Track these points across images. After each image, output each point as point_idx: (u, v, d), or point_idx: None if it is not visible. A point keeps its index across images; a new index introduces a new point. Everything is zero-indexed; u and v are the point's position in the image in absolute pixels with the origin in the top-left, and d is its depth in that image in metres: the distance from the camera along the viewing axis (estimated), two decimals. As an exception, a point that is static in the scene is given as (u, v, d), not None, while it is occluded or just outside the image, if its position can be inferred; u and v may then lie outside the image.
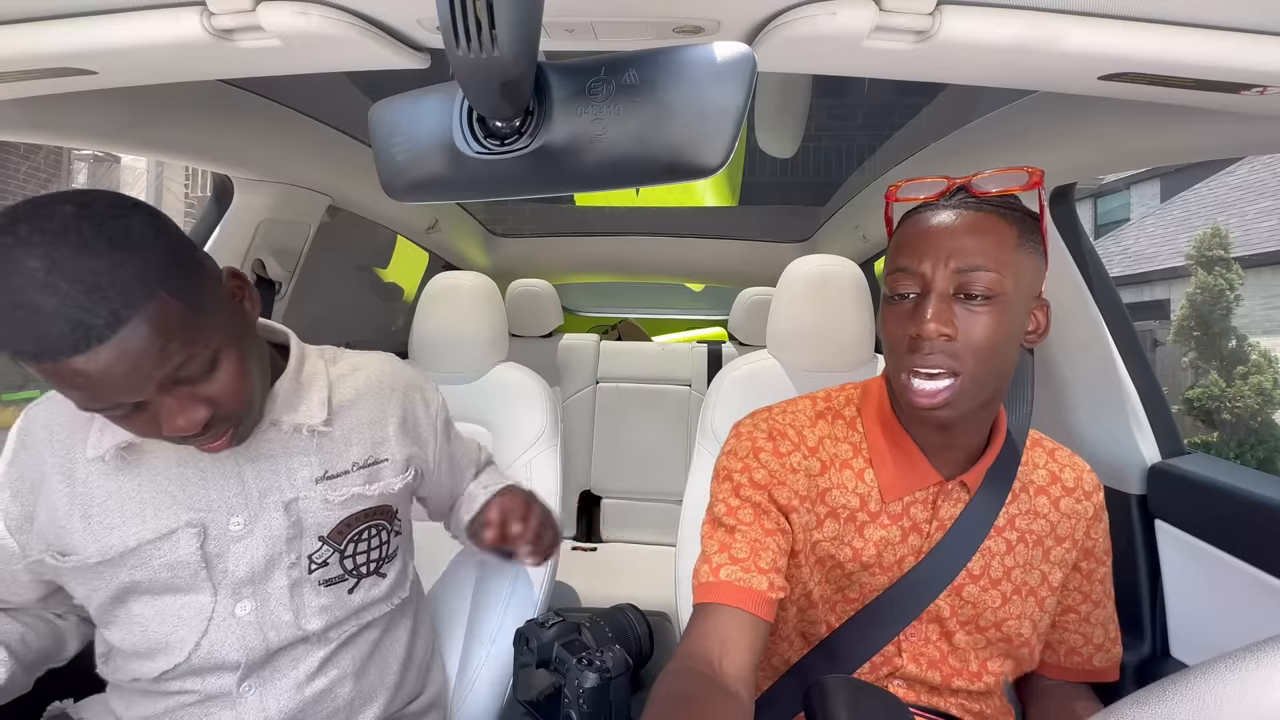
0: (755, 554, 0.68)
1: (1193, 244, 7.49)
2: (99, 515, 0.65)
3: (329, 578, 0.74)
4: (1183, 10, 0.49)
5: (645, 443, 2.21)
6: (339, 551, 0.74)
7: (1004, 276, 0.61)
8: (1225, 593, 0.87)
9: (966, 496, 0.72)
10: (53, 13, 0.55)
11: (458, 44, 0.38)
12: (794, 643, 0.79)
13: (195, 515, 0.67)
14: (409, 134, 0.51)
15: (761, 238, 2.24)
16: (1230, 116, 0.67)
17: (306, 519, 0.72)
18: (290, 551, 0.71)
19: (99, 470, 0.66)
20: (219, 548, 0.68)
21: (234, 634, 0.69)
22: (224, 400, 0.61)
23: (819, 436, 0.75)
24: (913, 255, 0.64)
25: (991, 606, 0.72)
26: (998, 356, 0.62)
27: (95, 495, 0.66)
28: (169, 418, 0.57)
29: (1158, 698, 0.34)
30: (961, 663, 0.73)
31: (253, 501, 0.70)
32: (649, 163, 0.44)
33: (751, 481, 0.72)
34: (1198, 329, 7.14)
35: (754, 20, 0.54)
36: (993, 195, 0.64)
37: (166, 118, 0.95)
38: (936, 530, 0.72)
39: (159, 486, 0.67)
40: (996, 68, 0.58)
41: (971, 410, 0.66)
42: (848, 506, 0.72)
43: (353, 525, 0.75)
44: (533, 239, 2.40)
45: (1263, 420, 6.65)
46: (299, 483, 0.72)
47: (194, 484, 0.68)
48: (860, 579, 0.73)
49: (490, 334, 1.27)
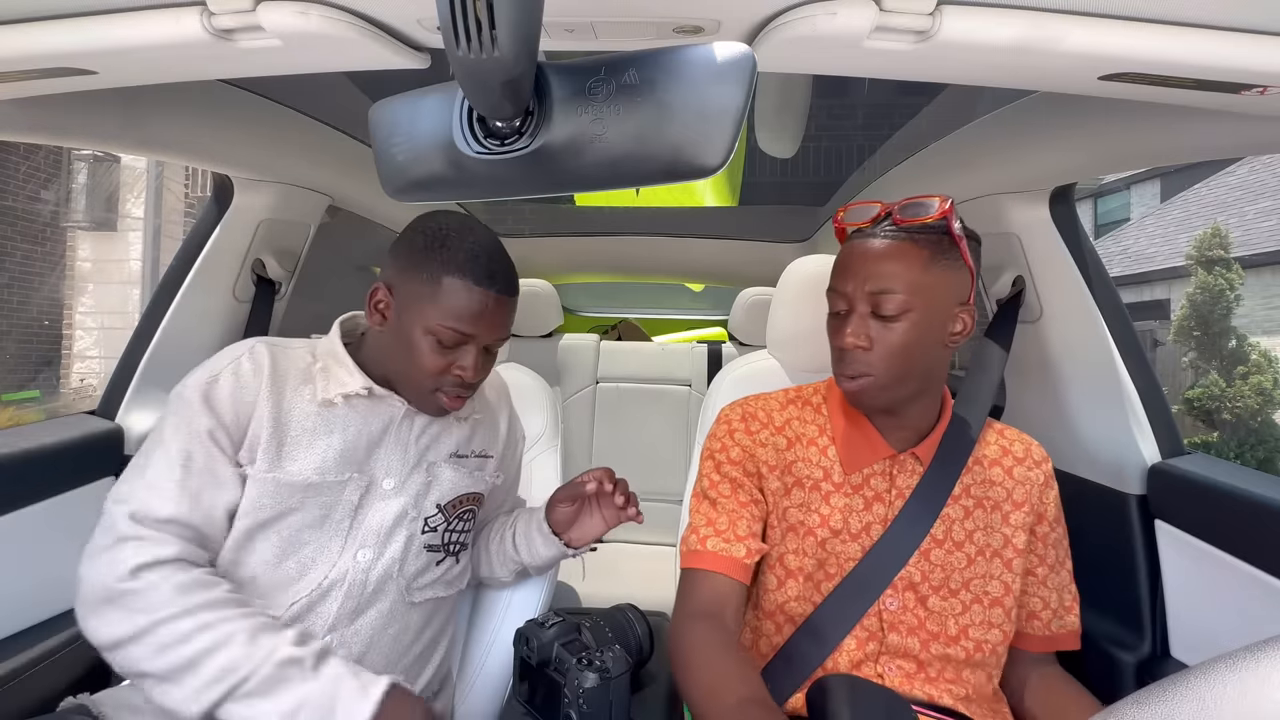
0: (733, 524, 0.81)
1: (1193, 244, 7.49)
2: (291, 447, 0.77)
3: (431, 544, 0.86)
4: (1183, 10, 0.49)
5: (645, 443, 2.20)
6: (447, 522, 0.87)
7: (914, 296, 0.73)
8: (1225, 593, 0.87)
9: (921, 468, 0.81)
10: (53, 13, 0.55)
11: (458, 44, 0.38)
12: (780, 626, 0.82)
13: (365, 470, 0.81)
14: (409, 134, 0.51)
15: (761, 238, 2.24)
16: (1230, 116, 0.67)
17: (435, 485, 0.86)
18: (415, 509, 0.83)
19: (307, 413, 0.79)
20: (368, 501, 0.81)
21: (352, 575, 0.78)
22: (487, 374, 0.84)
23: (786, 418, 0.87)
24: (841, 278, 0.78)
25: (959, 568, 0.79)
26: (912, 360, 0.75)
27: (293, 429, 0.78)
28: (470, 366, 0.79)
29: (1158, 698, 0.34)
30: (939, 626, 0.78)
31: (408, 467, 0.84)
32: (649, 163, 0.44)
33: (729, 459, 0.85)
34: (1198, 329, 7.14)
35: (754, 20, 0.54)
36: (911, 223, 0.75)
37: (166, 118, 0.95)
38: (896, 498, 0.81)
39: (347, 440, 0.79)
40: (996, 68, 0.58)
41: (902, 399, 0.78)
42: (812, 477, 0.83)
43: (462, 504, 0.89)
44: (533, 239, 2.39)
45: (1263, 420, 6.65)
46: (441, 454, 0.87)
47: (373, 444, 0.82)
48: (833, 548, 0.80)
49: (490, 334, 1.27)
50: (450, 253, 0.76)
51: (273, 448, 0.75)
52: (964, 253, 0.76)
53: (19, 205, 5.71)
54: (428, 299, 0.76)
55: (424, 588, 0.85)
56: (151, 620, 0.64)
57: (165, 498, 0.70)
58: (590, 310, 3.42)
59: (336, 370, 0.81)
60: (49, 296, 5.83)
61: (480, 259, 0.77)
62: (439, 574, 0.87)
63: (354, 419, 0.80)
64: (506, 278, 0.80)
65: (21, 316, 5.72)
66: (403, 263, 0.79)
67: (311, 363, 0.82)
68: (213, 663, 0.63)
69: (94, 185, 5.72)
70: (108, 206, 5.77)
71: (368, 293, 0.81)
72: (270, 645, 0.65)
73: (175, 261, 1.20)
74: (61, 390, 5.74)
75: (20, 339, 5.73)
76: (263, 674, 0.63)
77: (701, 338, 2.93)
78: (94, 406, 1.18)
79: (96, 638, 0.66)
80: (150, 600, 0.65)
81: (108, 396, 1.17)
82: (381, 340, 0.82)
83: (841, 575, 0.79)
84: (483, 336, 0.79)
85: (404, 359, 0.79)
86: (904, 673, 0.78)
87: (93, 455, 1.08)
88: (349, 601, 0.77)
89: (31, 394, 5.64)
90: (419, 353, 0.78)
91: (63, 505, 1.02)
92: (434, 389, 0.80)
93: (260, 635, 0.66)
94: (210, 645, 0.63)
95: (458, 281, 0.76)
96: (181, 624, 0.64)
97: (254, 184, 1.18)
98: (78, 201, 5.75)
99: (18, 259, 5.72)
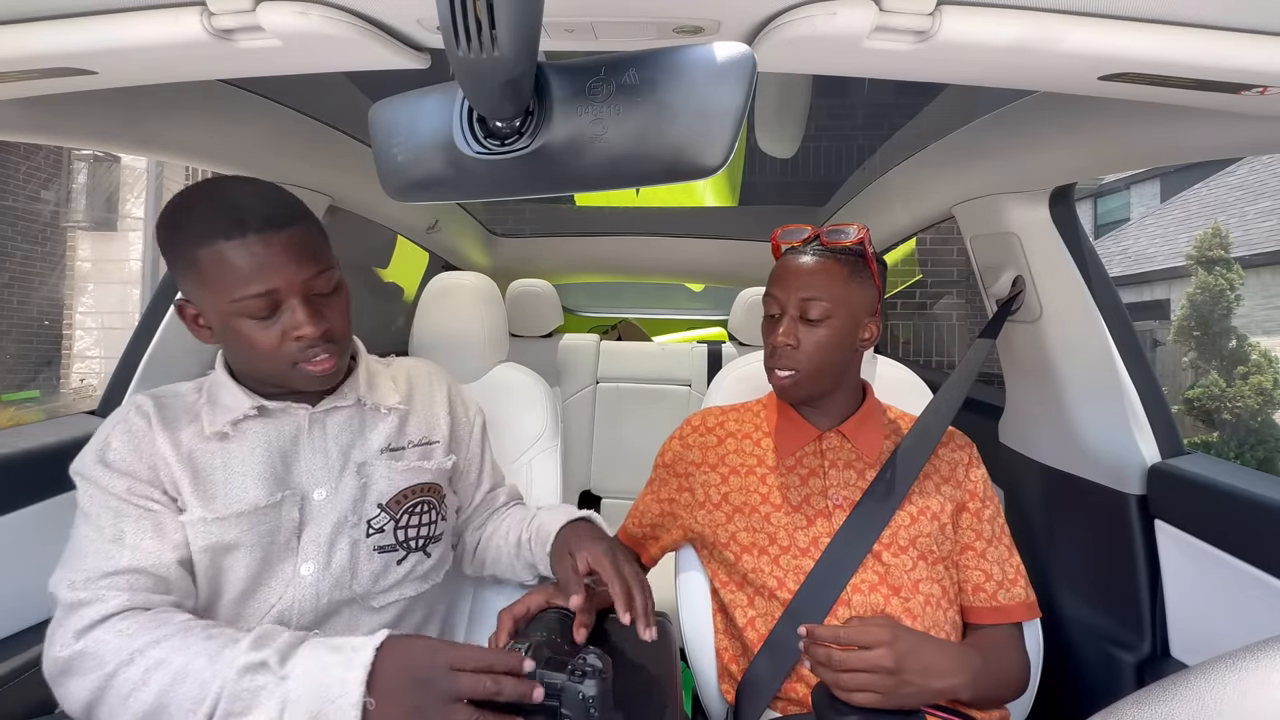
0: (643, 514, 1.04)
1: (1193, 244, 7.49)
2: (208, 485, 0.74)
3: (382, 545, 0.82)
4: (1183, 10, 0.49)
5: (645, 443, 2.20)
6: (394, 520, 0.83)
7: (835, 305, 0.87)
8: (1225, 593, 0.87)
9: (846, 443, 0.94)
10: (53, 13, 0.55)
11: (458, 44, 0.38)
12: (763, 610, 0.88)
13: (293, 487, 0.78)
14: (409, 134, 0.51)
15: (761, 238, 2.23)
16: (1230, 116, 0.67)
17: (371, 485, 0.82)
18: (354, 514, 0.80)
19: (208, 449, 0.75)
20: (308, 515, 0.78)
21: (299, 592, 0.76)
22: (337, 324, 0.76)
23: (722, 420, 1.02)
24: (776, 286, 0.91)
25: (904, 525, 0.88)
26: (831, 358, 0.89)
27: (203, 468, 0.74)
28: (303, 320, 0.71)
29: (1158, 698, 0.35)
30: (899, 581, 0.86)
31: (334, 473, 0.80)
32: (649, 163, 0.44)
33: (663, 462, 1.03)
34: (1198, 329, 7.14)
35: (754, 20, 0.54)
36: (835, 245, 0.89)
37: (166, 118, 0.95)
38: (830, 467, 0.92)
39: (260, 462, 0.76)
40: (996, 68, 0.58)
41: (822, 391, 0.92)
42: (746, 463, 0.95)
43: (408, 497, 0.85)
44: (533, 239, 2.39)
45: (1263, 420, 6.65)
46: (369, 452, 0.83)
47: (289, 457, 0.79)
48: (779, 521, 0.90)
49: (490, 334, 1.27)
50: (190, 223, 0.68)
51: (195, 490, 0.73)
52: (874, 273, 0.91)
53: (19, 205, 5.72)
54: (206, 284, 0.69)
55: (388, 589, 0.82)
56: (104, 675, 0.60)
57: (104, 555, 0.67)
58: (590, 310, 3.42)
59: (223, 398, 0.77)
60: (49, 296, 5.83)
61: (216, 213, 0.68)
62: (405, 572, 0.84)
63: (258, 440, 0.77)
64: (260, 214, 0.69)
65: (21, 316, 5.72)
66: (172, 266, 0.72)
67: (197, 399, 0.78)
68: (179, 698, 0.58)
69: (94, 185, 5.73)
70: (108, 206, 5.78)
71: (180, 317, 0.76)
72: (230, 658, 0.59)
73: (175, 261, 1.20)
74: (61, 390, 5.75)
75: (20, 339, 5.73)
76: (231, 691, 0.57)
77: (701, 338, 2.93)
78: (94, 406, 1.18)
79: (70, 710, 0.62)
80: (100, 655, 0.61)
81: (108, 396, 1.17)
82: (226, 351, 0.78)
83: (794, 544, 0.89)
84: (284, 287, 0.70)
85: (245, 354, 0.74)
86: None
87: (93, 455, 1.08)
88: (304, 618, 0.75)
89: (31, 394, 5.65)
90: (247, 339, 0.71)
91: (63, 505, 1.01)
92: (290, 364, 0.73)
93: (221, 654, 0.60)
94: (170, 682, 0.58)
95: (212, 247, 0.67)
96: (133, 669, 0.60)
97: (254, 184, 1.18)
98: (78, 201, 5.75)
99: (18, 259, 5.72)
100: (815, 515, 0.90)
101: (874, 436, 0.93)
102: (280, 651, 0.60)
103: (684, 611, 1.01)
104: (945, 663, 0.74)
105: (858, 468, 0.92)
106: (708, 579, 1.00)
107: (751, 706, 0.85)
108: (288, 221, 0.71)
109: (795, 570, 0.87)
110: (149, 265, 5.69)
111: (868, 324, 0.91)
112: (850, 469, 0.92)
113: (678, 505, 0.99)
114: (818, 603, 0.84)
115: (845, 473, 0.92)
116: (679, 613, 1.02)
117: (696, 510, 0.96)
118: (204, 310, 0.73)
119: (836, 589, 0.84)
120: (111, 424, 0.74)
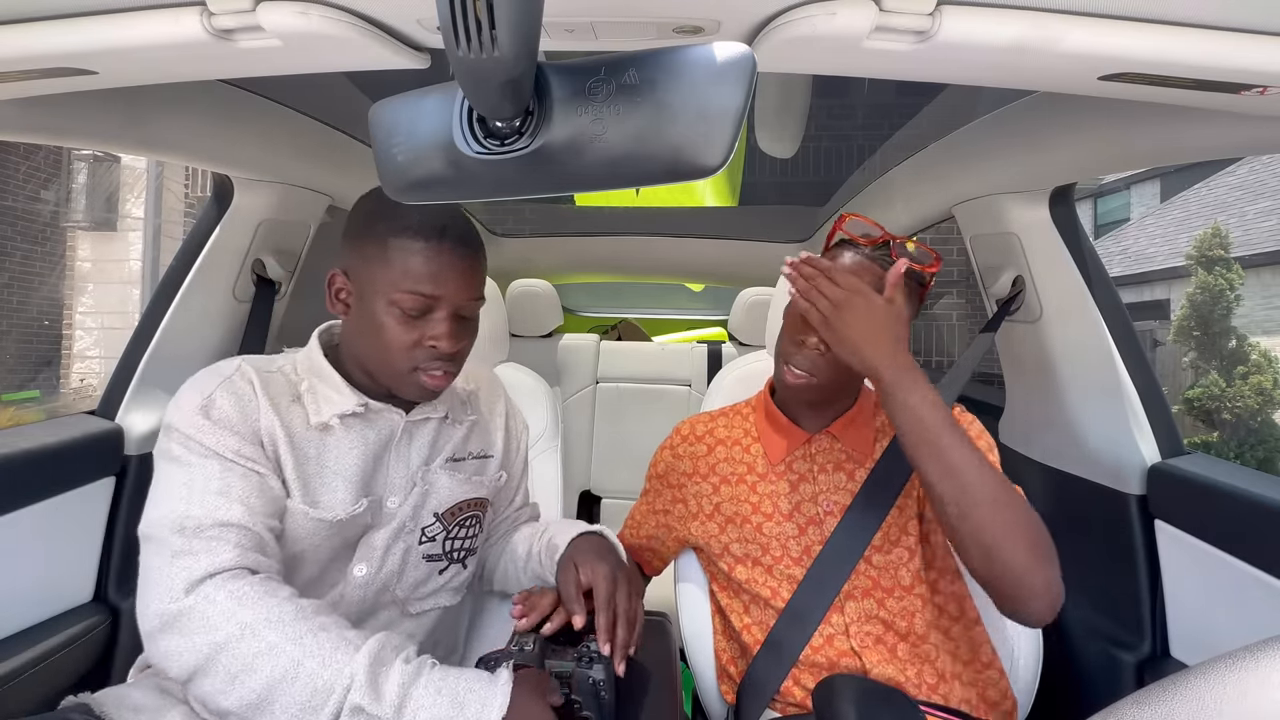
0: (640, 525, 1.04)
1: (1193, 244, 7.48)
2: (312, 479, 0.74)
3: (431, 554, 0.83)
4: (1183, 10, 0.49)
5: (645, 443, 2.19)
6: (446, 531, 0.84)
7: None
8: (1225, 593, 0.87)
9: (836, 443, 0.92)
10: (53, 13, 0.55)
11: (458, 44, 0.38)
12: (759, 618, 0.88)
13: (373, 494, 0.79)
14: (409, 134, 0.50)
15: (761, 238, 2.24)
16: (1230, 116, 0.67)
17: (431, 494, 0.82)
18: (413, 520, 0.81)
19: (308, 438, 0.75)
20: (377, 521, 0.79)
21: (349, 591, 0.77)
22: (467, 346, 0.79)
23: (711, 429, 1.01)
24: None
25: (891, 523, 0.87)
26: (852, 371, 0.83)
27: (304, 457, 0.74)
28: (443, 333, 0.74)
29: (1158, 698, 0.35)
30: (891, 582, 0.85)
31: (406, 482, 0.81)
32: (649, 163, 0.44)
33: (655, 473, 1.03)
34: (1198, 329, 7.13)
35: (754, 20, 0.54)
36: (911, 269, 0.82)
37: (166, 118, 0.95)
38: (820, 472, 0.91)
39: (356, 465, 0.77)
40: (996, 68, 0.58)
41: (830, 397, 0.90)
42: (736, 471, 0.95)
43: (462, 509, 0.85)
44: (533, 239, 2.39)
45: (1263, 420, 6.65)
46: (437, 460, 0.84)
47: (376, 461, 0.79)
48: (771, 531, 0.89)
49: (490, 334, 1.27)
50: (396, 215, 0.72)
51: (297, 477, 0.72)
52: (925, 291, 0.88)
53: (19, 205, 5.72)
54: (381, 268, 0.72)
55: (425, 598, 0.83)
56: (213, 644, 0.58)
57: (212, 506, 0.64)
58: (590, 310, 3.42)
59: (323, 389, 0.77)
60: (49, 296, 5.83)
61: (427, 214, 0.72)
62: (443, 582, 0.85)
63: (355, 440, 0.77)
64: (460, 231, 0.74)
65: (21, 316, 5.72)
66: (353, 241, 0.75)
67: (297, 381, 0.77)
68: (287, 697, 0.56)
69: (94, 185, 5.72)
70: (108, 206, 5.77)
71: (326, 284, 0.77)
72: (342, 670, 0.57)
73: (175, 261, 1.20)
74: (61, 390, 5.74)
75: (20, 339, 5.73)
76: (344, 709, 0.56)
77: (701, 338, 2.93)
78: (94, 406, 1.18)
79: (170, 670, 0.60)
80: (210, 618, 0.59)
81: (108, 397, 1.17)
82: (351, 332, 0.78)
83: (786, 554, 0.88)
84: (448, 297, 0.73)
85: (374, 342, 0.74)
86: (874, 636, 0.83)
87: (93, 455, 1.08)
88: (348, 613, 0.76)
89: (31, 394, 5.64)
90: (386, 330, 0.72)
91: (63, 505, 1.02)
92: (411, 368, 0.74)
93: (334, 657, 0.57)
94: (280, 675, 0.56)
95: (407, 241, 0.71)
96: (244, 647, 0.58)
97: (254, 184, 1.18)
98: (78, 201, 5.75)
99: (18, 259, 5.73)
100: (806, 523, 0.89)
101: (864, 434, 0.92)
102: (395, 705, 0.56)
103: (683, 613, 1.01)
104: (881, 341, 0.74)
105: (848, 469, 0.91)
106: (707, 581, 1.00)
107: (751, 707, 0.85)
108: (476, 247, 0.76)
109: (789, 580, 0.87)
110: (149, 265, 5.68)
111: None
112: (840, 470, 0.91)
113: (672, 517, 0.99)
114: (812, 609, 0.84)
115: (835, 475, 0.90)
116: (678, 614, 1.02)
117: (690, 521, 0.97)
118: (362, 289, 0.74)
119: (830, 596, 0.84)
120: (209, 382, 0.71)
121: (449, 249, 0.72)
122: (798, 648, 0.84)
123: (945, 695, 0.81)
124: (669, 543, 1.01)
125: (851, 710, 0.70)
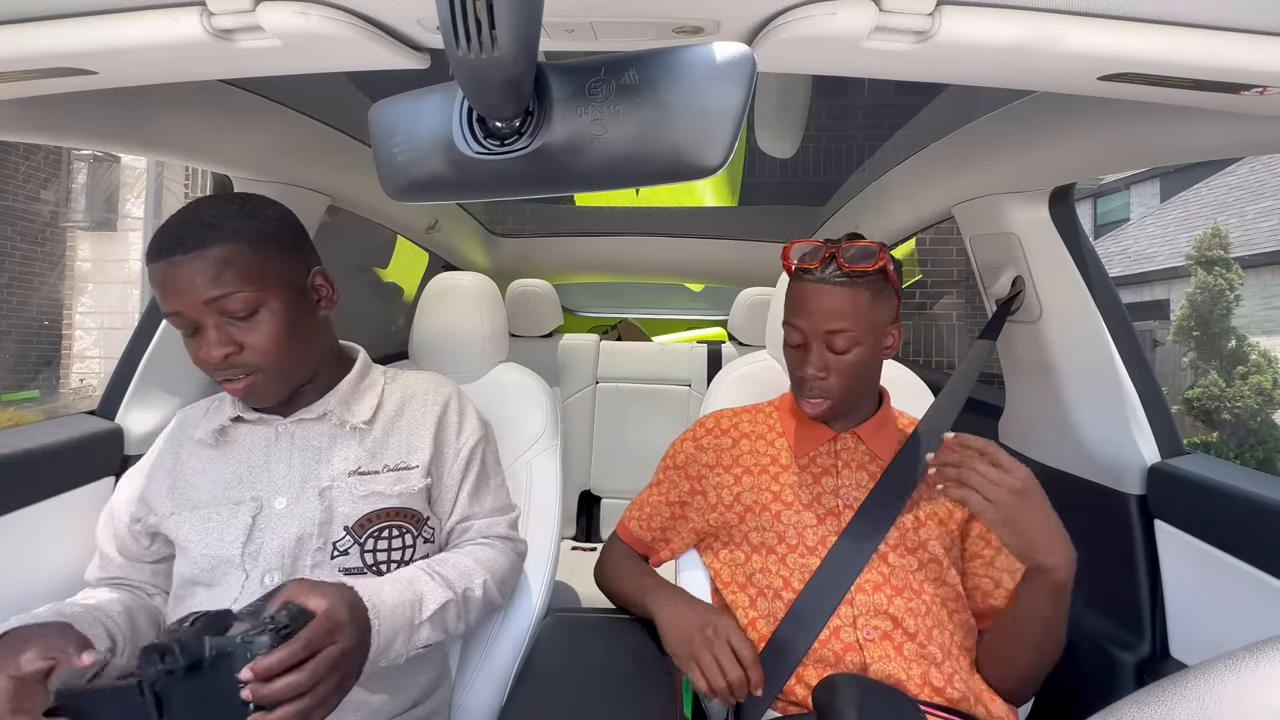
0: (651, 516, 1.03)
1: (1192, 244, 7.48)
2: (184, 486, 0.82)
3: (348, 567, 0.81)
4: (1183, 10, 0.49)
5: (645, 443, 2.20)
6: (359, 544, 0.82)
7: (861, 330, 0.85)
8: (1225, 593, 0.87)
9: (861, 444, 0.94)
10: (53, 13, 0.55)
11: (458, 44, 0.38)
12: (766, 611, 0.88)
13: (256, 493, 0.81)
14: (409, 134, 0.51)
15: (761, 238, 2.24)
16: (1230, 116, 0.67)
17: (336, 508, 0.81)
18: (319, 535, 0.80)
19: (197, 452, 0.84)
20: (265, 523, 0.80)
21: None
22: (253, 348, 0.75)
23: (736, 423, 1.02)
24: (798, 316, 0.88)
25: (910, 529, 0.88)
26: (859, 378, 0.89)
27: (187, 469, 0.83)
28: (199, 344, 0.74)
29: (1158, 698, 0.35)
30: (903, 583, 0.85)
31: (295, 485, 0.81)
32: (649, 163, 0.44)
33: (674, 464, 1.03)
34: (1198, 329, 7.13)
35: (754, 20, 0.54)
36: (856, 270, 0.84)
37: (166, 118, 0.94)
38: (844, 468, 0.92)
39: (232, 468, 0.82)
40: (996, 68, 0.58)
41: (850, 407, 0.93)
42: (760, 463, 0.96)
43: (374, 521, 0.83)
44: (533, 239, 2.39)
45: (1263, 420, 6.65)
46: (335, 472, 0.83)
47: (258, 467, 0.82)
48: (790, 520, 0.90)
49: (490, 334, 1.27)
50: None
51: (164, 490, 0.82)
52: (893, 280, 0.89)
53: (19, 205, 5.72)
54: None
55: None
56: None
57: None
58: (590, 310, 3.42)
59: (218, 402, 0.87)
60: (49, 296, 5.83)
61: (158, 233, 0.73)
62: None
63: (240, 445, 0.84)
64: (174, 236, 0.72)
65: (21, 316, 5.72)
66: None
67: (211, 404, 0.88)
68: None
69: (94, 185, 5.72)
70: (108, 206, 5.77)
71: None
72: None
73: (175, 261, 1.20)
74: (61, 390, 5.74)
75: (20, 339, 5.74)
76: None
77: (701, 338, 2.93)
78: (94, 406, 1.18)
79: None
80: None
81: (107, 396, 1.17)
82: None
83: (802, 542, 0.89)
84: (186, 311, 0.73)
85: None
86: (880, 631, 0.83)
87: (93, 455, 1.08)
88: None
89: (31, 394, 5.64)
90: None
91: (63, 505, 1.01)
92: (220, 380, 0.78)
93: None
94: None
95: (149, 268, 0.73)
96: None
97: (254, 184, 1.18)
98: (78, 201, 5.74)
99: (18, 259, 5.73)
100: (825, 514, 0.90)
101: (889, 437, 0.94)
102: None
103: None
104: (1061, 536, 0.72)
105: (871, 470, 0.92)
106: (709, 578, 1.00)
107: (752, 706, 0.85)
108: (196, 245, 0.72)
109: (801, 569, 0.88)
110: (149, 265, 5.68)
111: (890, 331, 0.91)
112: (863, 470, 0.92)
113: (689, 508, 1.00)
114: (822, 602, 0.84)
115: (858, 474, 0.92)
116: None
117: (709, 513, 0.97)
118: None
119: (842, 588, 0.84)
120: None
121: (164, 262, 0.72)
122: (803, 647, 0.83)
123: (946, 696, 0.81)
124: (684, 534, 1.01)
125: (852, 710, 0.70)
